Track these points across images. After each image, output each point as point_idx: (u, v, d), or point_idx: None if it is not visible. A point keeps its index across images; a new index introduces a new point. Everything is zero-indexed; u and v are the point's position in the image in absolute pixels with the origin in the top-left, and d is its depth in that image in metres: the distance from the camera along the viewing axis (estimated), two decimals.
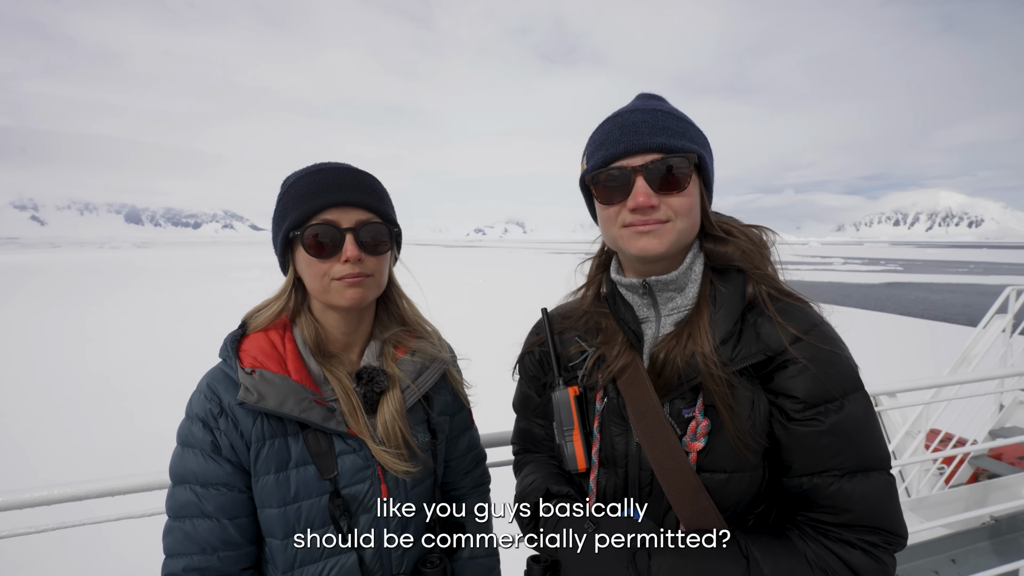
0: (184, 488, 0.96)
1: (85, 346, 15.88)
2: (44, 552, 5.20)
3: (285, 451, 0.98)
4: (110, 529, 2.00)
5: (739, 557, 0.80)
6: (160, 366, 13.29)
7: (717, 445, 0.87)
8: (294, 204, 0.99)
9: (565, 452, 0.99)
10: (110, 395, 11.07)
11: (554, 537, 0.89)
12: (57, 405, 10.48)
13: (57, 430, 9.14)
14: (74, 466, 7.60)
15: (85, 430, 9.12)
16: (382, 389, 1.06)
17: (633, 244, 0.90)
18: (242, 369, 0.96)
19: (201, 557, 0.94)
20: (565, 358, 1.07)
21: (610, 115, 0.97)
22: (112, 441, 8.55)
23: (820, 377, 0.83)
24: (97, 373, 12.82)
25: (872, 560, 0.81)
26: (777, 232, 1.02)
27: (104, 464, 7.67)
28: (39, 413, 10.01)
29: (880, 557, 0.81)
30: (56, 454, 8.11)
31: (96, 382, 12.04)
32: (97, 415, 9.89)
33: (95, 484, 1.40)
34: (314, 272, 0.99)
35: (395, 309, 1.17)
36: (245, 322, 1.06)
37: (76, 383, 11.98)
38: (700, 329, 0.89)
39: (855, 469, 0.82)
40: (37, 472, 7.46)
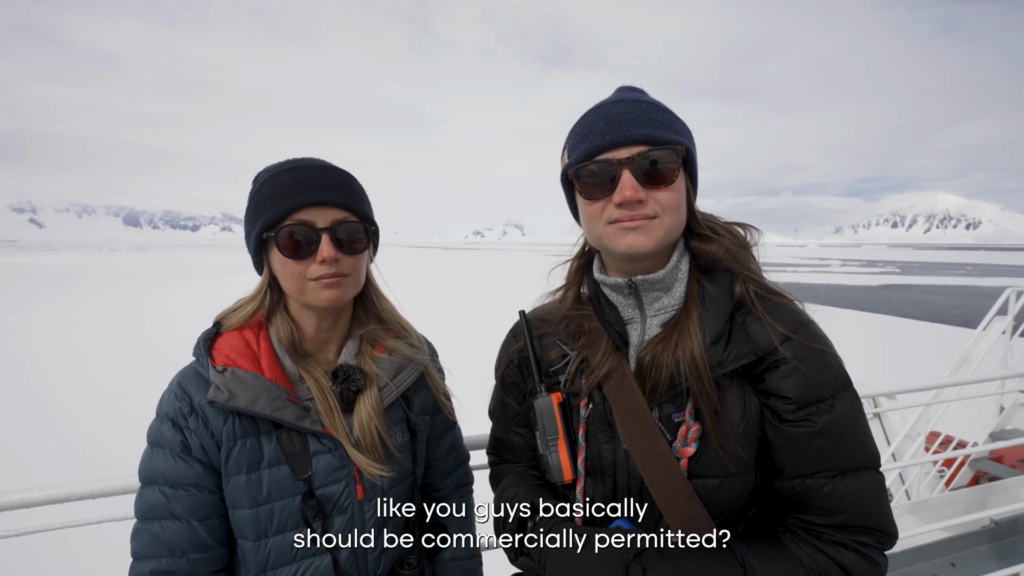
0: (153, 489, 0.93)
1: (80, 346, 15.82)
2: (16, 557, 5.11)
3: (257, 451, 0.95)
4: (87, 533, 1.96)
5: (735, 566, 0.78)
6: (159, 366, 13.24)
7: (709, 450, 0.84)
8: (267, 203, 0.95)
9: (550, 463, 0.95)
10: (101, 397, 11.01)
11: (543, 551, 0.86)
12: (50, 407, 10.41)
13: (50, 432, 9.08)
14: (67, 468, 7.54)
15: (78, 432, 9.06)
16: (358, 388, 1.03)
17: (620, 241, 0.86)
18: (213, 367, 0.94)
19: (170, 560, 0.91)
20: (546, 363, 1.02)
21: (592, 107, 0.92)
22: (106, 443, 8.48)
23: (811, 376, 0.81)
24: (94, 373, 12.77)
25: (865, 561, 0.79)
26: (760, 230, 0.99)
27: (94, 467, 7.60)
28: (31, 415, 9.94)
29: (873, 557, 0.80)
30: (49, 455, 8.06)
31: (92, 382, 11.99)
32: (90, 417, 9.83)
33: (74, 487, 1.36)
34: (289, 273, 0.97)
35: (372, 307, 1.15)
36: (219, 321, 1.03)
37: (73, 383, 11.92)
38: (690, 330, 0.86)
39: (847, 469, 0.80)
40: (34, 473, 7.41)
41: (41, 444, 8.57)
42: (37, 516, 1.43)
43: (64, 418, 9.82)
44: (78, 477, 6.66)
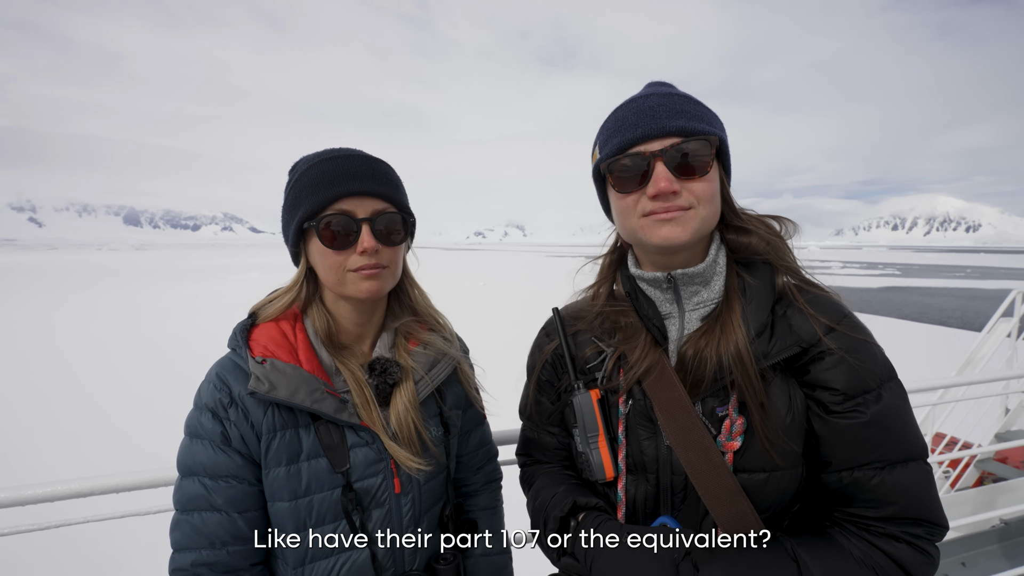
0: (193, 480, 0.93)
1: (79, 344, 15.80)
2: (44, 551, 5.14)
3: (296, 443, 0.95)
4: (114, 527, 1.97)
5: (788, 561, 0.77)
6: (158, 367, 13.22)
7: (755, 444, 0.83)
8: (307, 193, 0.95)
9: (591, 460, 0.93)
10: (103, 395, 10.99)
11: (588, 551, 0.84)
12: (48, 405, 10.39)
13: (53, 429, 9.07)
14: (70, 465, 7.54)
15: (78, 430, 9.05)
16: (395, 381, 1.03)
17: (655, 233, 0.85)
18: (253, 358, 0.94)
19: (210, 552, 0.91)
20: (580, 360, 1.01)
21: (623, 102, 0.92)
22: (109, 440, 8.47)
23: (857, 367, 0.80)
24: (91, 373, 12.75)
25: (918, 553, 0.78)
26: (796, 224, 0.97)
27: (87, 464, 7.59)
28: (32, 413, 9.93)
29: (925, 549, 0.78)
30: (52, 453, 8.05)
31: (89, 383, 11.96)
32: (90, 415, 9.82)
33: (96, 481, 1.37)
34: (329, 263, 0.96)
35: (407, 299, 1.14)
36: (254, 312, 1.03)
37: (68, 385, 11.89)
38: (733, 323, 0.85)
39: (896, 460, 0.79)
40: (35, 470, 7.40)
41: (39, 441, 8.56)
42: (64, 510, 1.44)
43: (66, 413, 9.81)
44: (75, 471, 6.65)
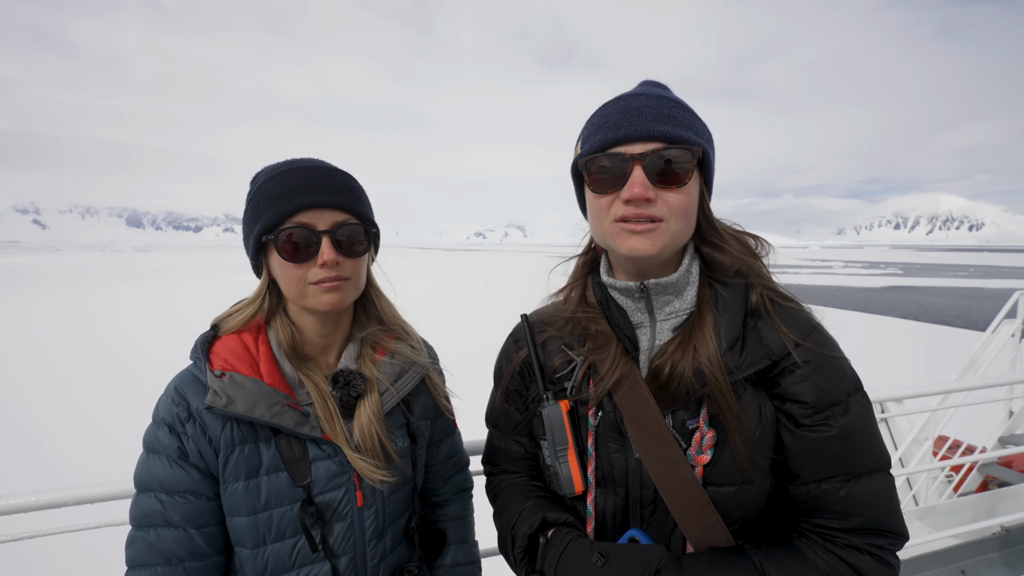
0: (149, 496, 0.91)
1: (79, 344, 15.84)
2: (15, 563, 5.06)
3: (256, 457, 0.93)
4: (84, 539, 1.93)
5: (754, 574, 0.78)
6: (156, 368, 13.23)
7: (724, 457, 0.82)
8: (266, 205, 0.93)
9: (560, 474, 0.91)
10: (99, 401, 11.00)
11: (558, 568, 0.84)
12: (46, 409, 10.41)
13: (51, 435, 9.07)
14: (57, 469, 7.52)
15: (77, 436, 9.05)
16: (359, 393, 1.01)
17: (623, 243, 0.83)
18: (211, 372, 0.91)
19: (166, 568, 0.89)
20: (550, 369, 0.98)
21: (612, 98, 0.89)
22: (103, 447, 8.47)
23: (825, 380, 0.81)
24: (89, 375, 12.77)
25: (880, 564, 0.79)
26: (771, 244, 0.96)
27: (79, 469, 7.56)
28: (34, 416, 9.94)
29: (887, 560, 0.80)
30: (43, 459, 8.04)
31: (89, 384, 11.98)
32: (88, 420, 9.82)
33: (68, 492, 1.34)
34: (289, 277, 0.94)
35: (373, 309, 1.13)
36: (216, 324, 1.01)
37: (69, 384, 11.91)
38: (705, 335, 0.84)
39: (861, 472, 0.80)
40: (23, 476, 7.39)
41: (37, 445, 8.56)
42: (37, 521, 1.40)
43: (56, 420, 9.81)
44: (64, 477, 6.56)
